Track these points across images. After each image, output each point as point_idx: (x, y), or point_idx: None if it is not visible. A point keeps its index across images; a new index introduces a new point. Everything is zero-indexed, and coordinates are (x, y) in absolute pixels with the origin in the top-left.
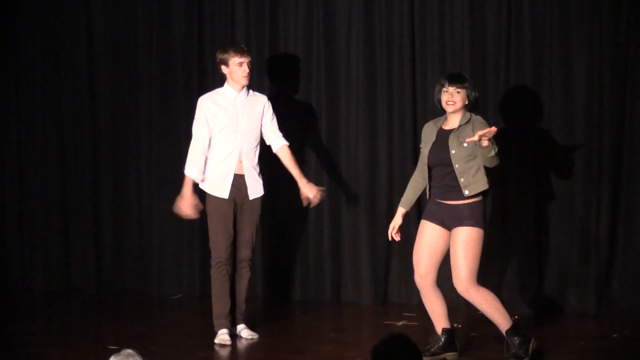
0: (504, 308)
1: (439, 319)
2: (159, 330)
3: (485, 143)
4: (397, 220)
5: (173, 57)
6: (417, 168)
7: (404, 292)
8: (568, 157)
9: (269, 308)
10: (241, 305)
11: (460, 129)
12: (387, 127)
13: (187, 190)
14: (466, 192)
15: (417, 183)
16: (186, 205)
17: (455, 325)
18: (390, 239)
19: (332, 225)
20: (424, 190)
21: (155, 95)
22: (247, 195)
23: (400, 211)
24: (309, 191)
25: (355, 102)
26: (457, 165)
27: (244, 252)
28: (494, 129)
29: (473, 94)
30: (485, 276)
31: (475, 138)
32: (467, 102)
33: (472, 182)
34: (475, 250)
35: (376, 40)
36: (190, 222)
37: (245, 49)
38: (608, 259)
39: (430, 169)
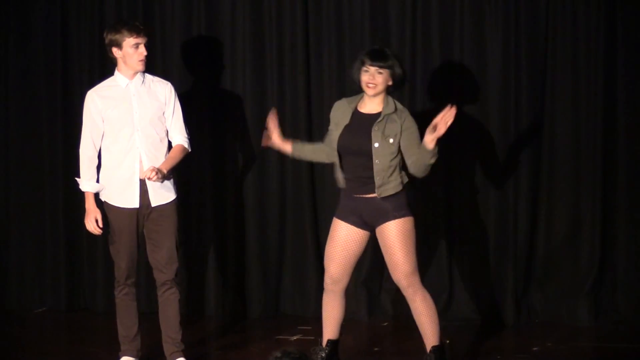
0: (438, 324)
1: (332, 328)
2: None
3: (431, 145)
4: (276, 139)
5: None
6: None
7: (299, 303)
8: (482, 159)
9: (144, 322)
10: (174, 334)
11: (386, 119)
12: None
13: (88, 204)
14: (378, 193)
15: (321, 151)
16: (90, 220)
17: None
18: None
19: (216, 228)
20: (338, 178)
21: (11, 89)
22: (150, 203)
23: (288, 142)
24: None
25: (242, 87)
26: (377, 161)
27: (165, 274)
28: (450, 109)
29: (398, 71)
30: (386, 284)
31: (435, 135)
32: (390, 83)
33: (386, 183)
34: (412, 241)
35: (264, 21)
36: (54, 226)
37: (142, 27)
38: (527, 265)
39: (339, 155)
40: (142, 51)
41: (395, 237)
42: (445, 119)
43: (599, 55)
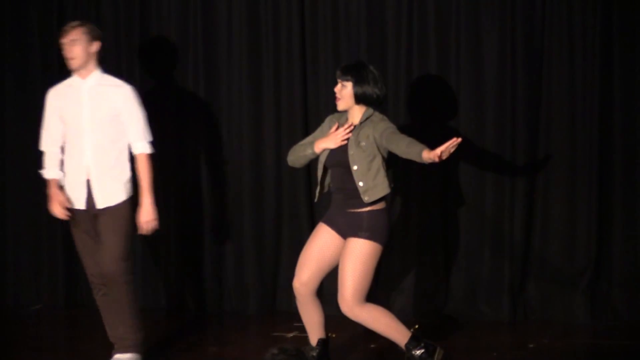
0: (397, 322)
1: (315, 329)
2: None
3: (425, 160)
4: None
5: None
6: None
7: (295, 300)
8: (478, 156)
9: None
10: (115, 331)
11: (360, 128)
12: (274, 123)
13: (50, 190)
14: (365, 198)
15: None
16: (54, 205)
17: (329, 334)
18: None
19: (213, 225)
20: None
21: (8, 86)
22: (95, 205)
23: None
24: (143, 215)
25: (239, 94)
26: (355, 167)
27: (107, 269)
28: (456, 140)
29: (360, 89)
30: (386, 282)
31: (435, 158)
32: (354, 99)
33: (372, 187)
34: (366, 267)
35: (261, 23)
36: (51, 224)
37: (69, 26)
38: (523, 262)
39: (326, 169)
40: (65, 52)
41: (351, 256)
42: (449, 149)
43: (595, 56)
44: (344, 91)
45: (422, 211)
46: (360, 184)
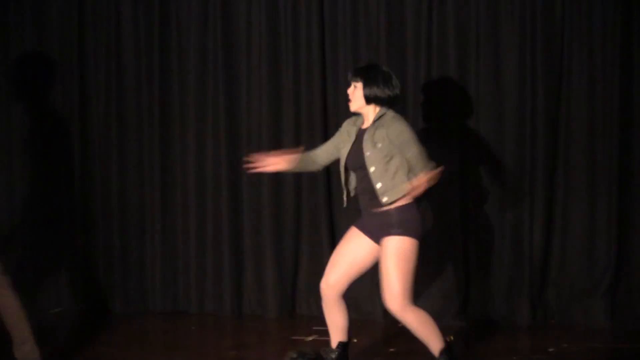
0: (437, 328)
1: (338, 331)
2: None
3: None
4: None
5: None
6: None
7: (314, 304)
8: (498, 159)
9: (160, 322)
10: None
11: (374, 128)
12: (294, 123)
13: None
14: (384, 199)
15: (312, 157)
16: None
17: (351, 339)
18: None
19: (232, 228)
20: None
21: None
22: None
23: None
24: None
25: (258, 98)
26: (372, 169)
27: None
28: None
29: (371, 91)
30: None
31: (410, 191)
32: (365, 100)
33: (392, 187)
34: (407, 263)
35: (280, 25)
36: (69, 225)
37: None
38: (542, 265)
39: (348, 171)
40: None
41: (390, 255)
42: (429, 183)
43: (615, 64)
44: (355, 92)
45: (442, 215)
46: (378, 185)
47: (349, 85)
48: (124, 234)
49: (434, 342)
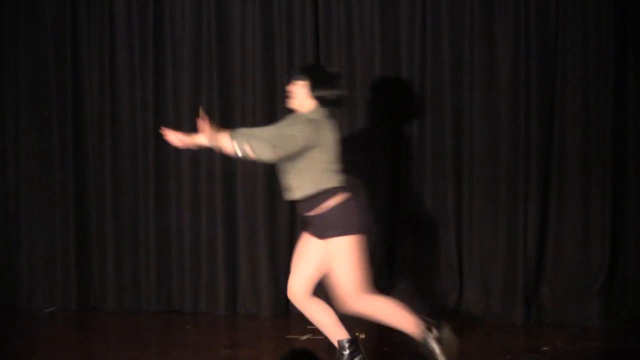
0: (407, 311)
1: (333, 330)
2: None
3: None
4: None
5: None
6: None
7: None
8: (492, 157)
9: (155, 321)
10: None
11: None
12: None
13: None
14: (296, 195)
15: None
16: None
17: (357, 335)
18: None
19: (226, 227)
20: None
21: (22, 88)
22: None
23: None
24: None
25: (252, 94)
26: (281, 168)
27: None
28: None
29: (318, 92)
30: (399, 283)
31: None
32: (308, 99)
33: (297, 187)
34: (353, 261)
35: (274, 25)
36: (64, 227)
37: None
38: (537, 264)
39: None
40: None
41: (334, 257)
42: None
43: (609, 60)
44: (298, 90)
45: (436, 213)
46: (288, 184)
47: (289, 82)
48: (117, 233)
49: (406, 325)
